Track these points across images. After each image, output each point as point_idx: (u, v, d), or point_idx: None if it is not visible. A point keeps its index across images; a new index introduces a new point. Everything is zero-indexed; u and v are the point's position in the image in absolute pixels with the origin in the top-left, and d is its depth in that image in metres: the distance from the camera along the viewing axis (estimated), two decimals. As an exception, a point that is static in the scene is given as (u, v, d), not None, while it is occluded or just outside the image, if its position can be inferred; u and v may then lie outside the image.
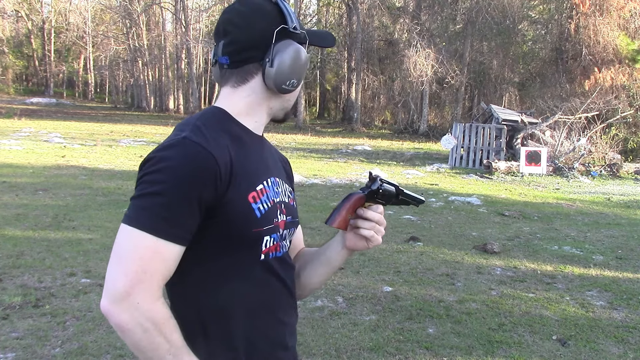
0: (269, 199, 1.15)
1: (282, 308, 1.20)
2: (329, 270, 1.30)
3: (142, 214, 1.01)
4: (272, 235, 1.15)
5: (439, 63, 22.87)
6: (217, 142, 1.07)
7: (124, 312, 0.97)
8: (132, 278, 0.98)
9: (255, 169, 1.15)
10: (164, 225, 1.00)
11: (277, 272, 1.18)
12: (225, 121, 1.15)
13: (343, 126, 27.87)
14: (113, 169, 10.60)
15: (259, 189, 1.13)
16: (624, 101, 17.45)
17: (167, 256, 1.01)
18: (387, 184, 1.23)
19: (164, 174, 1.01)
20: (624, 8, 19.30)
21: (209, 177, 1.03)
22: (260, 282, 1.15)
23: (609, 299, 4.50)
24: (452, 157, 14.54)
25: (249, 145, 1.16)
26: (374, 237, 1.20)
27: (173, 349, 1.01)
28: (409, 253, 5.64)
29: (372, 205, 1.21)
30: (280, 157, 1.33)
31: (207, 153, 1.04)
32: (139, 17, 35.96)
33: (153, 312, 0.99)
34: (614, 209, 8.91)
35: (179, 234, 1.02)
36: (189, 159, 1.02)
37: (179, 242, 1.02)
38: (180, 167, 1.02)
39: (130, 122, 24.30)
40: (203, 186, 1.02)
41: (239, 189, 1.08)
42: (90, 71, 42.86)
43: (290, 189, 1.29)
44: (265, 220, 1.12)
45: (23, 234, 5.59)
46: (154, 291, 1.00)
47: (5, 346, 3.17)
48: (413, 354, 3.34)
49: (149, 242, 1.00)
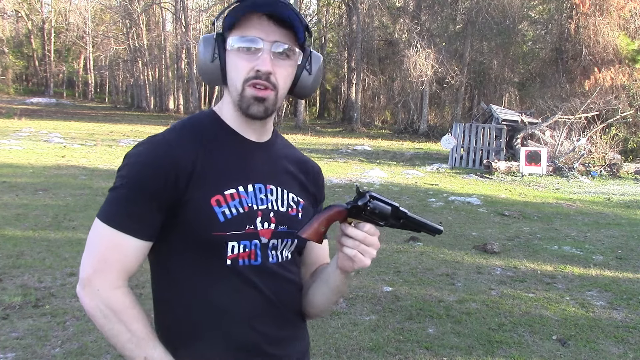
0: (242, 204, 1.12)
1: (257, 317, 1.14)
2: (328, 290, 1.20)
3: (106, 207, 1.09)
4: (242, 242, 1.11)
5: (439, 63, 22.87)
6: (184, 143, 1.11)
7: (86, 297, 1.07)
8: (94, 266, 1.07)
9: (226, 174, 1.13)
10: (123, 219, 1.07)
11: (251, 280, 1.12)
12: (209, 123, 1.17)
13: (343, 126, 27.87)
14: (113, 169, 10.58)
15: (227, 193, 1.11)
16: (624, 101, 17.45)
17: (125, 248, 1.07)
18: (381, 202, 1.10)
19: (127, 169, 1.09)
20: (624, 8, 19.29)
21: (164, 174, 1.06)
22: (226, 287, 1.11)
23: (609, 299, 4.50)
24: (452, 157, 14.54)
25: (225, 149, 1.15)
26: (356, 257, 1.08)
27: (135, 339, 1.06)
28: (409, 253, 5.64)
29: (359, 222, 1.10)
30: (297, 167, 1.26)
31: (168, 152, 1.08)
32: (139, 17, 35.95)
33: (111, 300, 1.06)
34: (614, 209, 8.91)
35: (136, 227, 1.07)
36: (149, 157, 1.08)
37: (137, 236, 1.07)
38: (139, 164, 1.08)
39: (130, 122, 24.29)
40: (159, 183, 1.06)
41: (200, 191, 1.09)
42: (90, 71, 42.85)
43: (298, 200, 1.22)
44: (230, 225, 1.10)
45: (23, 234, 5.59)
46: (113, 280, 1.07)
47: (5, 346, 3.17)
48: (413, 354, 3.34)
49: (109, 233, 1.07)
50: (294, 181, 1.23)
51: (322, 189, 1.32)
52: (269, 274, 1.15)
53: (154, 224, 1.09)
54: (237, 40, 1.09)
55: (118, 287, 1.08)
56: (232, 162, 1.15)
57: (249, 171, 1.16)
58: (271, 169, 1.20)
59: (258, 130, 1.19)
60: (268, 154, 1.20)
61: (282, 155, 1.24)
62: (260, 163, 1.18)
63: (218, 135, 1.16)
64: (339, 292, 1.20)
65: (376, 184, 10.62)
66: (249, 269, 1.13)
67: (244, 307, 1.13)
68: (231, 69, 1.11)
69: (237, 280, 1.12)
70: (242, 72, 1.10)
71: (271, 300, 1.15)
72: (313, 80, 1.19)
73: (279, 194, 1.18)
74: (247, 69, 1.10)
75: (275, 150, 1.23)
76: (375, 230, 1.10)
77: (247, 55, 1.10)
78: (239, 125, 1.17)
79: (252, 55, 1.09)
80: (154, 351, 1.08)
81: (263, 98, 1.10)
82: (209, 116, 1.19)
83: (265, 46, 1.09)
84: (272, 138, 1.24)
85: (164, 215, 1.09)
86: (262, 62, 1.09)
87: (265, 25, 1.09)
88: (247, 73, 1.10)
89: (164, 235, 1.11)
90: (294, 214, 1.20)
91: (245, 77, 1.10)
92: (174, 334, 1.14)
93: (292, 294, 1.21)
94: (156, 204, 1.07)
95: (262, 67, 1.09)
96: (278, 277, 1.17)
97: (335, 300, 1.23)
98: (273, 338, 1.17)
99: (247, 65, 1.09)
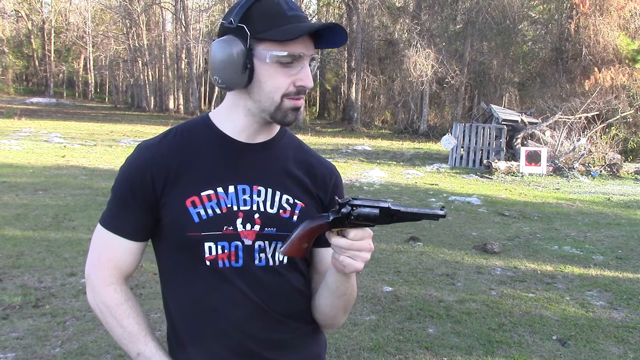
0: (219, 205, 1.11)
1: (246, 319, 1.12)
2: (329, 293, 1.17)
3: (105, 210, 1.18)
4: (220, 243, 1.10)
5: (439, 63, 22.87)
6: (167, 147, 1.15)
7: (88, 292, 1.18)
8: (91, 264, 1.17)
9: (206, 175, 1.13)
10: (112, 220, 1.15)
11: (233, 281, 1.11)
12: (198, 128, 1.19)
13: (343, 126, 27.86)
14: (113, 169, 10.59)
15: (204, 194, 1.12)
16: (624, 101, 17.45)
17: (114, 247, 1.15)
18: (366, 207, 1.06)
19: (118, 174, 1.17)
20: (624, 8, 19.29)
21: (142, 176, 1.12)
22: (210, 289, 1.11)
23: (609, 299, 4.50)
24: (452, 157, 14.54)
25: (209, 152, 1.15)
26: (345, 262, 1.05)
27: (126, 335, 1.13)
28: (409, 253, 5.64)
29: (345, 230, 1.06)
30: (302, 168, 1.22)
31: (148, 156, 1.14)
32: (139, 17, 35.93)
33: (103, 296, 1.14)
34: (614, 209, 8.91)
35: (122, 227, 1.14)
36: (133, 161, 1.15)
37: (124, 236, 1.14)
38: (125, 168, 1.16)
39: (130, 122, 24.29)
40: (139, 185, 1.12)
41: (176, 193, 1.12)
42: (90, 71, 42.86)
43: (295, 202, 1.18)
44: (205, 226, 1.10)
45: (23, 234, 5.59)
46: (105, 277, 1.15)
47: (5, 346, 3.17)
48: (413, 354, 3.34)
49: (101, 234, 1.16)
50: (293, 183, 1.19)
51: (330, 191, 1.25)
52: (253, 277, 1.13)
53: (140, 224, 1.14)
54: (281, 54, 1.06)
55: (110, 284, 1.15)
56: (215, 164, 1.14)
57: (233, 172, 1.14)
58: (262, 170, 1.17)
59: (266, 133, 1.18)
60: (262, 154, 1.18)
61: (282, 156, 1.20)
62: (250, 164, 1.16)
63: (206, 140, 1.16)
64: (342, 295, 1.16)
65: (376, 184, 10.62)
66: (231, 271, 1.12)
67: (232, 309, 1.12)
68: (267, 80, 1.08)
69: (220, 281, 1.11)
70: (283, 86, 1.08)
71: (258, 304, 1.13)
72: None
73: (268, 195, 1.15)
74: (287, 83, 1.08)
75: (275, 150, 1.19)
76: (364, 234, 1.06)
77: (287, 69, 1.08)
78: (232, 127, 1.16)
79: (291, 68, 1.08)
80: (145, 347, 1.12)
81: (299, 107, 1.12)
82: (201, 120, 1.20)
83: (306, 61, 1.09)
84: (275, 137, 1.21)
85: (149, 216, 1.13)
86: (307, 79, 1.09)
87: (307, 40, 1.09)
88: (287, 87, 1.08)
89: (154, 237, 1.17)
90: (287, 216, 1.16)
91: (286, 92, 1.09)
92: (176, 331, 1.17)
93: (286, 299, 1.17)
94: (139, 205, 1.13)
95: (308, 84, 1.09)
96: (266, 281, 1.14)
97: (341, 305, 1.19)
98: (267, 342, 1.15)
99: (288, 80, 1.08)
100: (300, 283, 1.20)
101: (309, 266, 1.24)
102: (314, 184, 1.23)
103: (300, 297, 1.20)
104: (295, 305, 1.19)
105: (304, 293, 1.21)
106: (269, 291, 1.14)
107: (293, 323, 1.18)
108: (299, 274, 1.20)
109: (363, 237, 1.06)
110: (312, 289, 1.24)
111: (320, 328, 1.26)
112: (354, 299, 1.22)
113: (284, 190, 1.18)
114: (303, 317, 1.21)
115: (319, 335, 1.27)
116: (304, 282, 1.21)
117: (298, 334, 1.20)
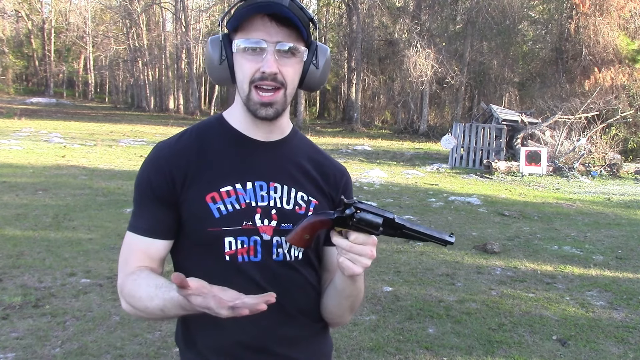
0: (238, 201, 1.14)
1: (262, 314, 1.09)
2: (335, 293, 1.19)
3: (130, 218, 1.20)
4: (240, 238, 1.13)
5: (439, 63, 22.87)
6: (181, 147, 1.17)
7: (121, 300, 1.15)
8: (119, 269, 1.18)
9: (224, 172, 1.16)
10: (133, 220, 1.17)
11: (252, 277, 1.13)
12: (213, 127, 1.21)
13: (343, 126, 27.87)
14: (113, 169, 10.60)
15: (223, 190, 1.14)
16: (624, 101, 17.47)
17: (135, 247, 1.16)
18: (370, 213, 1.05)
19: (137, 176, 1.18)
20: (624, 8, 19.30)
21: (163, 175, 1.14)
22: (228, 284, 1.09)
23: (609, 299, 4.50)
24: (452, 157, 14.54)
25: (226, 150, 1.18)
26: (344, 264, 1.06)
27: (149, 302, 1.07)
28: (409, 253, 5.64)
29: (347, 231, 1.07)
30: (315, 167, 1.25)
31: (166, 155, 1.16)
32: (139, 17, 35.95)
33: (121, 287, 1.14)
34: (614, 209, 8.91)
35: (141, 226, 1.15)
36: (151, 161, 1.17)
37: (142, 234, 1.15)
38: (144, 168, 1.17)
39: (130, 122, 24.30)
40: (160, 184, 1.13)
41: (195, 190, 1.14)
42: (90, 71, 42.88)
43: (309, 199, 1.20)
44: (226, 221, 1.12)
45: (23, 234, 5.59)
46: (128, 274, 1.15)
47: (5, 346, 3.17)
48: (413, 354, 3.34)
49: (129, 238, 1.17)
50: (307, 180, 1.23)
51: (341, 191, 1.28)
52: (270, 272, 1.15)
53: (163, 222, 1.15)
54: (242, 42, 1.10)
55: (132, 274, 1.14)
56: (232, 162, 1.17)
57: (250, 169, 1.17)
58: (278, 167, 1.20)
59: (266, 129, 1.19)
60: (276, 152, 1.20)
61: (296, 154, 1.24)
62: (265, 161, 1.19)
63: (221, 137, 1.19)
64: (348, 297, 1.18)
65: (376, 184, 10.62)
66: (250, 265, 1.14)
67: None
68: (238, 70, 1.13)
69: (238, 276, 1.13)
70: (248, 73, 1.11)
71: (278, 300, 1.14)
72: (321, 73, 1.20)
73: (284, 192, 1.18)
74: (252, 70, 1.10)
75: (289, 149, 1.23)
76: (366, 240, 1.05)
77: (252, 56, 1.10)
78: (247, 126, 1.19)
79: (257, 56, 1.10)
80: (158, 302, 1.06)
81: (269, 102, 1.12)
82: (216, 120, 1.23)
83: (269, 47, 1.09)
84: (288, 136, 1.24)
85: (171, 214, 1.14)
86: (266, 64, 1.09)
87: (269, 26, 1.09)
88: (253, 74, 1.10)
89: (177, 234, 1.18)
90: (302, 213, 1.19)
91: (251, 79, 1.11)
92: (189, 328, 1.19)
93: (301, 294, 1.19)
94: (161, 204, 1.14)
95: (267, 69, 1.09)
96: (283, 276, 1.16)
97: (347, 305, 1.21)
98: (280, 337, 1.17)
99: (253, 66, 1.10)
100: (314, 279, 1.23)
101: (320, 263, 1.27)
102: (326, 183, 1.26)
103: (313, 293, 1.23)
104: (308, 301, 1.22)
105: (316, 289, 1.24)
106: (285, 286, 1.16)
107: (303, 319, 1.21)
108: (312, 270, 1.23)
109: (365, 242, 1.05)
110: (321, 287, 1.26)
111: (327, 329, 1.29)
112: (360, 300, 1.24)
113: (299, 188, 1.21)
114: (313, 314, 1.23)
115: (326, 336, 1.30)
116: (316, 278, 1.24)
117: (307, 331, 1.22)
